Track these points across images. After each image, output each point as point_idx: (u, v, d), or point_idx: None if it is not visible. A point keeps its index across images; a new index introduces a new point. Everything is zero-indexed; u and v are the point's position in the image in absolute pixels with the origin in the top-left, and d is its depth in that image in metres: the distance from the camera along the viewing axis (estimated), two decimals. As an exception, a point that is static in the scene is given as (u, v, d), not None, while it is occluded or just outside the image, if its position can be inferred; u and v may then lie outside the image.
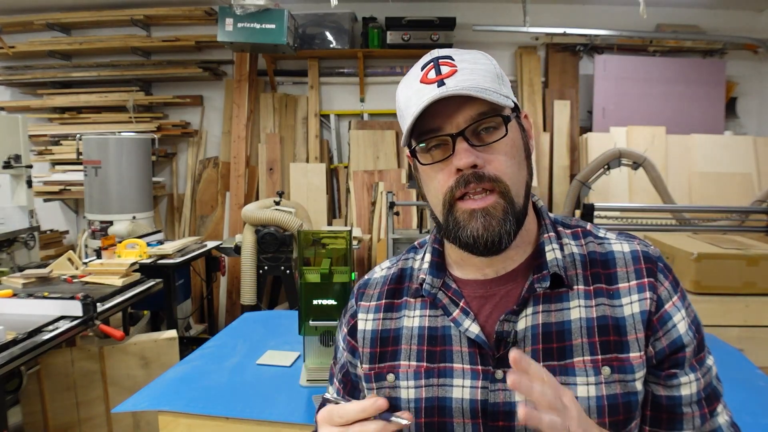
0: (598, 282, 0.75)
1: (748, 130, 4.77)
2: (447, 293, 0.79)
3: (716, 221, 3.74)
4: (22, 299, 2.35)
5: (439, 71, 0.71)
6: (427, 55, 0.75)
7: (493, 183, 0.71)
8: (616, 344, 0.72)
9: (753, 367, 1.86)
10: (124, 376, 2.51)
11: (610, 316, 0.73)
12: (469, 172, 0.70)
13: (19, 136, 3.41)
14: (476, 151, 0.71)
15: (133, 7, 4.46)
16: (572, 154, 4.62)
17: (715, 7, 4.59)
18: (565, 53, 4.70)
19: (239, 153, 4.62)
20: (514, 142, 0.74)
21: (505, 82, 0.75)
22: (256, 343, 2.07)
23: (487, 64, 0.73)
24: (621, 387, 0.71)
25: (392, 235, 3.65)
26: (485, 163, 0.71)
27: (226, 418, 1.54)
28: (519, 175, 0.73)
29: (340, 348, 0.89)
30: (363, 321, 0.85)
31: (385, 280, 0.86)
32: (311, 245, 1.81)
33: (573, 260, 0.77)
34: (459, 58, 0.73)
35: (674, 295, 0.74)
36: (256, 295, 3.69)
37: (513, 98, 0.75)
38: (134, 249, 3.22)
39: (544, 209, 0.82)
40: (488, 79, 0.72)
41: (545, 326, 0.73)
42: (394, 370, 0.80)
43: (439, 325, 0.78)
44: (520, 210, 0.73)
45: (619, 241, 0.78)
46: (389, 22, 4.38)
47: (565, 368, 0.72)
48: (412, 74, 0.75)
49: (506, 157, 0.72)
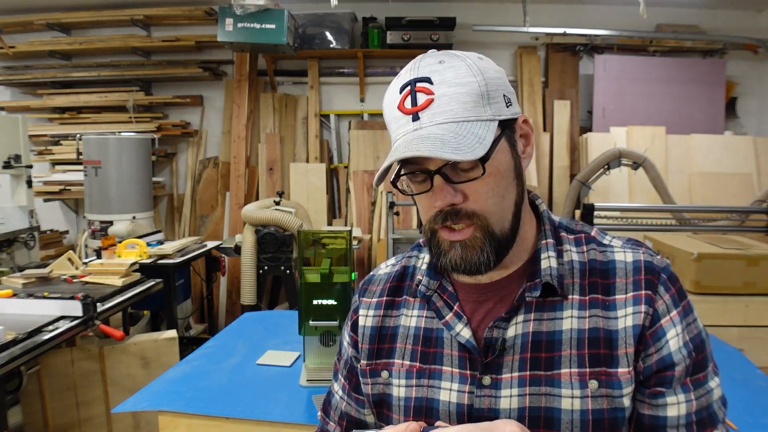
0: (595, 292, 0.73)
1: (748, 130, 4.77)
2: (442, 296, 0.79)
3: (716, 221, 3.74)
4: (22, 299, 2.35)
5: (414, 101, 0.68)
6: (406, 70, 0.71)
7: (470, 219, 0.69)
8: (605, 358, 0.70)
9: (753, 367, 1.86)
10: (124, 376, 2.51)
11: (602, 329, 0.71)
12: (447, 209, 0.70)
13: (19, 136, 3.41)
14: (454, 186, 0.69)
15: (133, 7, 4.46)
16: (572, 154, 4.62)
17: (715, 7, 4.59)
18: (565, 53, 4.70)
19: (239, 153, 4.62)
20: (499, 170, 0.70)
21: (492, 98, 0.69)
22: (256, 343, 2.07)
23: (471, 83, 0.67)
24: (608, 402, 0.69)
25: (392, 235, 3.65)
26: (464, 198, 0.69)
27: (226, 418, 1.54)
28: (503, 203, 0.71)
29: (345, 343, 0.90)
30: (364, 317, 0.85)
31: (388, 278, 0.87)
32: (311, 245, 1.81)
33: (572, 268, 0.75)
34: (438, 79, 0.68)
35: (673, 310, 0.70)
36: (256, 295, 3.69)
37: (503, 114, 0.69)
38: (134, 249, 3.22)
39: (546, 213, 0.80)
40: (469, 105, 0.67)
41: (535, 335, 0.72)
42: (389, 368, 0.80)
43: (434, 327, 0.78)
44: (503, 237, 0.71)
45: (623, 250, 0.75)
46: (389, 22, 4.38)
47: (551, 379, 0.70)
48: (392, 94, 0.71)
49: (486, 189, 0.69)
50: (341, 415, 0.90)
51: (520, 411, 0.71)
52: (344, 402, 0.89)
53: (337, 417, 0.90)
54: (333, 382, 0.93)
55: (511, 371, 0.72)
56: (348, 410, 0.89)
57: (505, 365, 0.72)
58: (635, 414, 0.71)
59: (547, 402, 0.70)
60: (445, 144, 0.64)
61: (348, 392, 0.88)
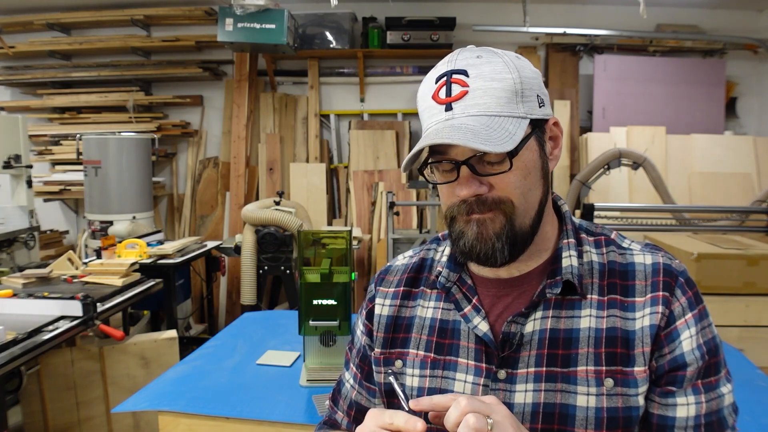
0: (614, 293, 0.74)
1: (748, 130, 4.77)
2: (462, 288, 0.80)
3: (716, 221, 3.74)
4: (22, 299, 2.35)
5: (449, 92, 0.69)
6: (444, 62, 0.72)
7: (497, 205, 0.70)
8: (622, 357, 0.71)
9: (753, 367, 1.86)
10: (124, 376, 2.51)
11: (620, 328, 0.71)
12: (472, 199, 0.70)
13: (19, 136, 3.41)
14: (479, 178, 0.70)
15: (133, 7, 4.46)
16: (572, 154, 4.62)
17: (715, 7, 4.59)
18: (565, 53, 4.70)
19: (239, 153, 4.62)
20: (527, 165, 0.71)
21: (526, 96, 0.70)
22: (256, 343, 2.07)
23: (506, 79, 0.68)
24: (623, 401, 0.70)
25: (392, 235, 3.65)
26: (490, 188, 0.70)
27: (226, 418, 1.54)
28: (530, 196, 0.71)
29: (358, 332, 0.90)
30: (380, 306, 0.86)
31: (406, 268, 0.87)
32: (311, 245, 1.81)
33: (591, 268, 0.76)
34: (475, 72, 0.69)
35: (689, 313, 0.71)
36: (256, 295, 3.69)
37: (535, 114, 0.70)
38: (134, 249, 3.22)
39: (568, 214, 0.81)
40: (503, 100, 0.68)
41: (553, 332, 0.73)
42: (403, 357, 0.81)
43: (451, 319, 0.79)
44: (523, 231, 0.71)
45: (642, 253, 0.76)
46: (389, 22, 4.38)
47: (567, 376, 0.71)
48: (428, 83, 0.72)
49: (513, 182, 0.70)
50: (350, 405, 0.90)
51: (534, 406, 0.71)
52: (355, 391, 0.90)
53: (345, 406, 0.91)
54: (344, 371, 0.93)
55: (527, 366, 0.73)
56: (358, 399, 0.89)
57: (521, 360, 0.73)
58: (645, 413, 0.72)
59: (562, 398, 0.71)
60: (475, 135, 0.65)
61: (360, 381, 0.89)
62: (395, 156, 4.60)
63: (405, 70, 4.70)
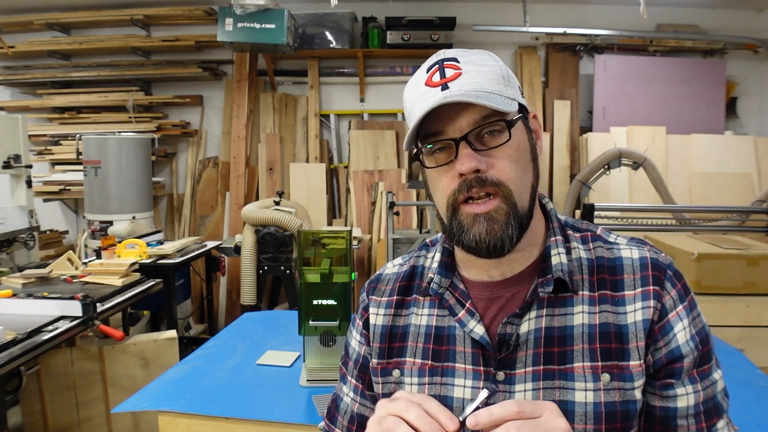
0: (604, 288, 0.75)
1: (749, 130, 4.77)
2: (454, 294, 0.79)
3: (716, 221, 3.74)
4: (22, 299, 2.35)
5: (443, 74, 0.72)
6: (433, 57, 0.75)
7: (496, 187, 0.71)
8: (617, 352, 0.72)
9: (753, 367, 1.86)
10: (123, 376, 2.51)
11: (612, 323, 0.72)
12: (471, 176, 0.70)
13: (19, 136, 3.40)
14: (479, 155, 0.71)
15: (133, 7, 4.46)
16: (572, 154, 4.62)
17: (715, 7, 4.59)
18: (565, 53, 4.70)
19: (239, 153, 4.61)
20: (519, 146, 0.73)
21: (512, 83, 0.74)
22: (256, 343, 2.07)
23: (493, 65, 0.73)
24: (620, 395, 0.71)
25: (392, 235, 3.65)
26: (488, 167, 0.71)
27: (226, 418, 1.54)
28: (523, 179, 0.73)
29: (353, 343, 0.89)
30: (374, 315, 0.85)
31: (397, 277, 0.87)
32: (311, 245, 1.81)
33: (580, 265, 0.76)
34: (465, 59, 0.73)
35: (679, 305, 0.73)
36: (256, 295, 3.69)
37: (520, 100, 0.75)
38: (134, 249, 3.22)
39: (554, 212, 0.81)
40: (493, 81, 0.72)
41: (548, 330, 0.73)
42: (400, 366, 0.81)
43: (446, 325, 0.79)
44: (524, 214, 0.73)
45: (629, 247, 0.77)
46: (389, 22, 4.38)
47: (565, 373, 0.72)
48: (418, 76, 0.75)
49: (510, 161, 0.71)
50: (351, 419, 0.88)
51: None
52: (357, 404, 0.88)
53: (346, 422, 0.89)
54: (340, 386, 0.92)
55: (525, 366, 0.73)
56: (362, 411, 0.87)
57: (519, 360, 0.74)
58: (646, 407, 0.74)
59: (561, 395, 0.71)
60: (478, 98, 0.68)
61: (362, 392, 0.87)
62: (395, 156, 4.60)
63: (405, 70, 4.70)
